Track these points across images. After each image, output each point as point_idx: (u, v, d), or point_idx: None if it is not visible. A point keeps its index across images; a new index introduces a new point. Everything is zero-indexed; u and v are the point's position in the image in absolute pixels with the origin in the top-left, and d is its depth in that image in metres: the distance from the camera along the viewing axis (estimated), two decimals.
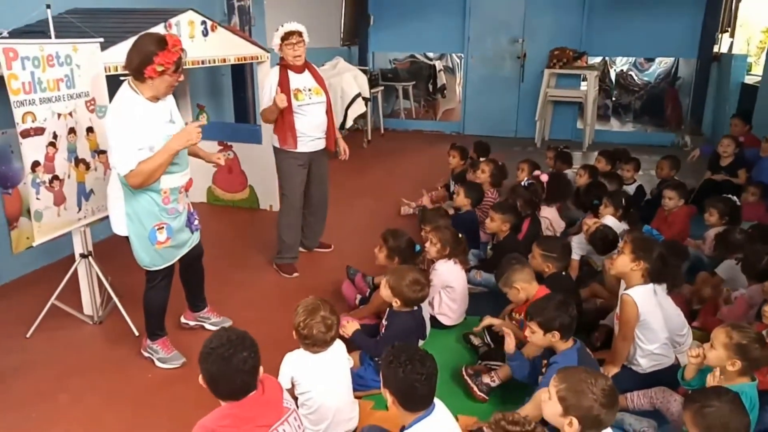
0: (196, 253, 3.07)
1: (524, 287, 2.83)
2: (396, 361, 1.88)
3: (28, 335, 3.17)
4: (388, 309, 2.82)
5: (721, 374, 2.17)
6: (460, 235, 3.40)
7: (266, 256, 4.25)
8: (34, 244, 2.98)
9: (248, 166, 5.34)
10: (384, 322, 2.79)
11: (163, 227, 2.74)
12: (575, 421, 1.81)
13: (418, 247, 3.25)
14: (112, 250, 4.03)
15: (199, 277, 3.23)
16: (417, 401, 1.89)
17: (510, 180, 4.93)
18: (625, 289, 2.72)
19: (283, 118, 3.78)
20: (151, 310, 2.92)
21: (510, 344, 2.59)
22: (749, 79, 7.58)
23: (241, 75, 5.98)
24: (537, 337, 2.40)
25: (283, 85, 3.75)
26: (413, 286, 2.70)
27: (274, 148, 3.96)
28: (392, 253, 3.21)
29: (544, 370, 2.43)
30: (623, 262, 2.71)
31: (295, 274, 4.01)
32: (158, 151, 2.57)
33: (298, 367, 2.29)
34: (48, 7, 3.10)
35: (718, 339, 2.16)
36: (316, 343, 2.30)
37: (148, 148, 2.56)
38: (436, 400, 1.94)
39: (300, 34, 3.71)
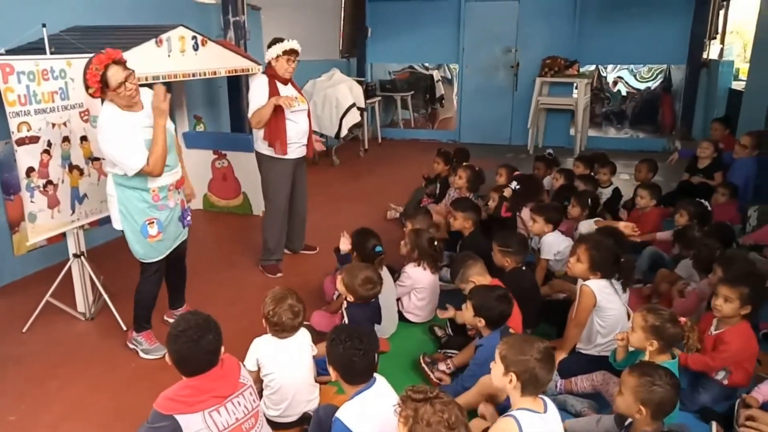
0: (181, 251, 3.30)
1: (479, 280, 3.00)
2: (337, 338, 2.10)
3: (24, 330, 3.41)
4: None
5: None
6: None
7: (255, 259, 4.46)
8: (28, 243, 3.22)
9: (242, 174, 5.58)
10: (343, 311, 2.99)
11: (153, 222, 2.99)
12: (514, 376, 1.99)
13: (378, 249, 3.39)
14: (106, 254, 4.32)
15: (182, 276, 3.46)
16: (357, 374, 2.10)
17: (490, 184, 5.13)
18: (584, 281, 2.91)
19: (277, 125, 3.98)
20: (141, 301, 3.16)
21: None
22: (736, 85, 7.71)
23: (237, 87, 6.22)
24: (468, 315, 2.63)
25: (273, 94, 3.95)
26: (365, 284, 2.88)
27: (261, 155, 4.15)
28: (353, 248, 3.39)
29: None
30: (581, 270, 2.90)
31: (279, 275, 4.22)
32: (154, 135, 2.83)
33: (263, 351, 2.49)
34: (44, 26, 3.36)
35: (636, 322, 2.35)
36: (285, 329, 2.51)
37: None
38: (377, 376, 2.14)
39: (298, 53, 3.99)
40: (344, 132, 7.51)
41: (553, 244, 3.86)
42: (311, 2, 8.29)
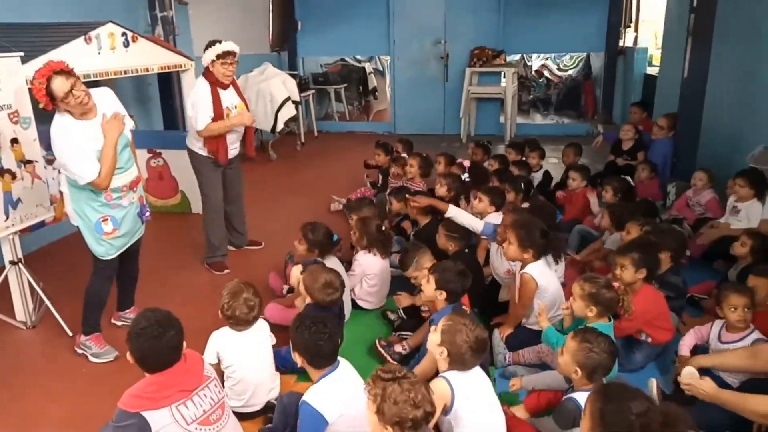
0: (135, 248, 3.27)
1: None
2: (302, 325, 2.17)
3: None
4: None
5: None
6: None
7: (200, 258, 4.40)
8: None
9: (178, 172, 5.46)
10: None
11: (107, 219, 2.97)
12: (445, 352, 2.13)
13: (335, 237, 3.48)
14: (41, 259, 4.15)
15: (134, 276, 3.43)
16: (322, 358, 2.18)
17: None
18: (522, 268, 3.02)
19: (217, 137, 3.93)
20: (92, 301, 3.10)
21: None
22: (651, 70, 8.21)
23: (168, 83, 6.08)
24: (429, 289, 2.72)
25: (216, 104, 3.85)
26: (325, 289, 2.83)
27: (192, 152, 4.09)
28: (311, 246, 3.40)
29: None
30: (514, 251, 3.03)
31: (226, 271, 4.20)
32: (103, 149, 2.80)
33: (222, 344, 2.53)
34: None
35: (575, 292, 2.54)
36: (239, 323, 2.55)
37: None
38: (340, 358, 2.22)
39: (235, 54, 3.84)
40: (280, 126, 7.48)
41: (493, 224, 4.03)
42: None
